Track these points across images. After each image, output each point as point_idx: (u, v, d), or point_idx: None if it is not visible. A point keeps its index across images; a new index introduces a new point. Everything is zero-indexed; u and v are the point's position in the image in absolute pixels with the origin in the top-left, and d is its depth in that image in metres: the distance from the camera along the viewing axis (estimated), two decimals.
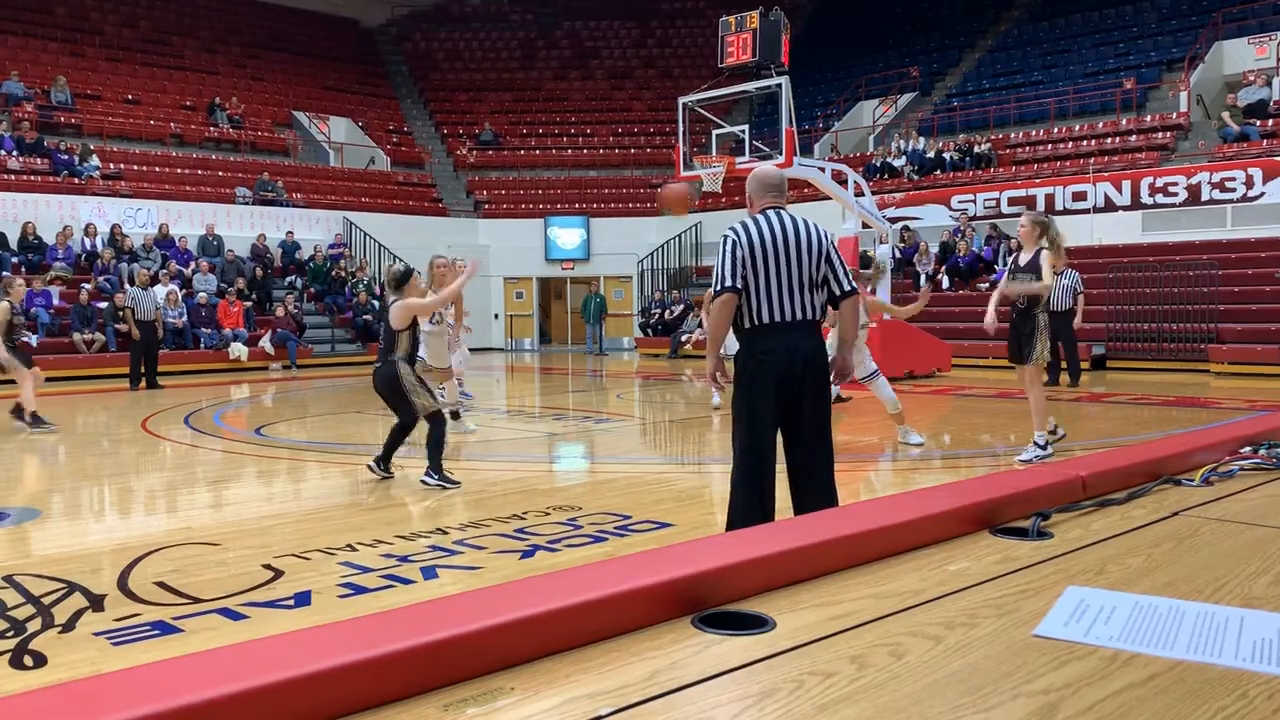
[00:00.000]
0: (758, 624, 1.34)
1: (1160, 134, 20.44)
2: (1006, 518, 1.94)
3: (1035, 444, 7.62)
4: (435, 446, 7.06)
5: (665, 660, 1.21)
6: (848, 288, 4.31)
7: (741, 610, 1.38)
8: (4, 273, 17.56)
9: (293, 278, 21.96)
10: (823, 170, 15.55)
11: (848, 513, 2.02)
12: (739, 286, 4.18)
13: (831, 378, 4.39)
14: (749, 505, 4.36)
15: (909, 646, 1.28)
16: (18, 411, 10.62)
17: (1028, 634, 1.34)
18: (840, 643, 1.29)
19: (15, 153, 20.66)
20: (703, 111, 15.75)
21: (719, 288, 4.22)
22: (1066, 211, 19.33)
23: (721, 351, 4.61)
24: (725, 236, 4.28)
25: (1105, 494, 2.19)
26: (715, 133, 16.14)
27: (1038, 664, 1.23)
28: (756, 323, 4.23)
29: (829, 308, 4.40)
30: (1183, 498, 2.21)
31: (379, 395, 7.25)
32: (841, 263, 4.34)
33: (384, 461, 7.34)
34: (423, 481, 7.03)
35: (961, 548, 1.78)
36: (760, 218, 4.28)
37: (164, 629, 3.95)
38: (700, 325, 22.04)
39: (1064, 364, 13.38)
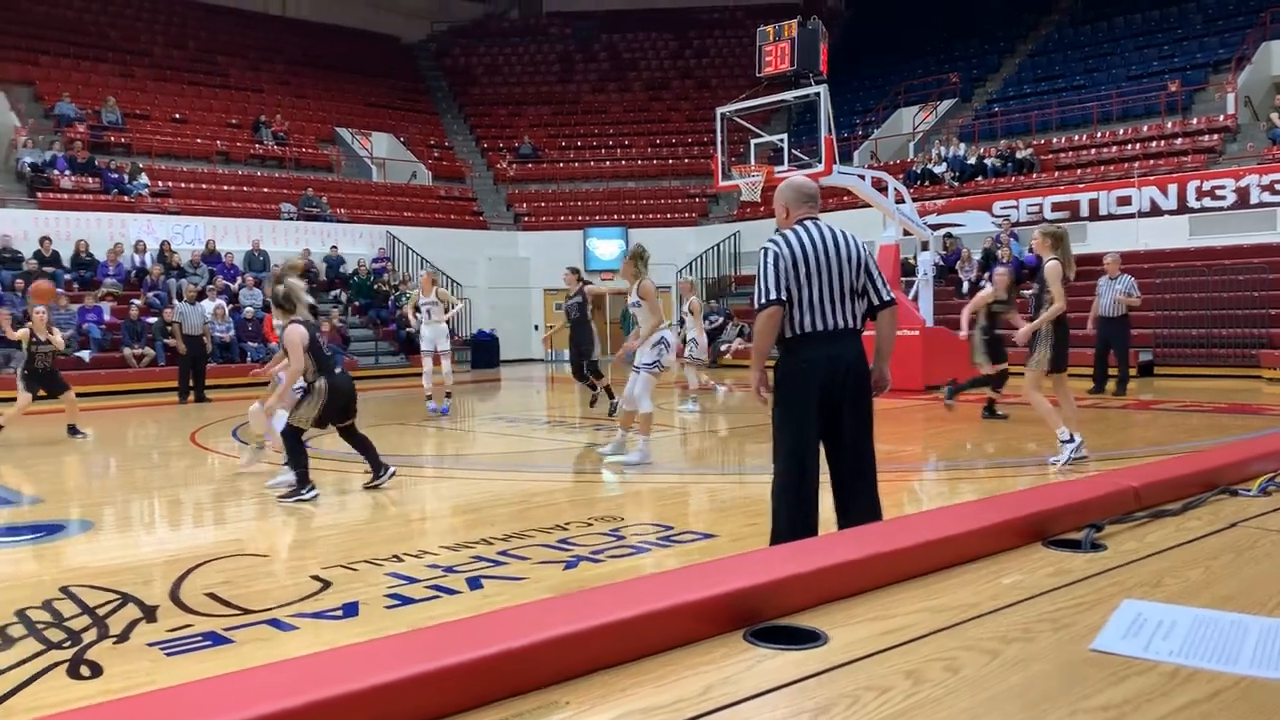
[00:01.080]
0: (810, 638, 1.33)
1: (1207, 136, 20.12)
2: (1059, 529, 1.92)
3: (1062, 443, 7.53)
4: (369, 447, 7.49)
5: (719, 675, 1.21)
6: (886, 298, 4.31)
7: (794, 624, 1.38)
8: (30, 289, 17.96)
9: (337, 292, 22.22)
10: (863, 178, 15.49)
11: (899, 525, 2.01)
12: (784, 298, 4.17)
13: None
14: (793, 517, 4.33)
15: (965, 661, 1.27)
16: (73, 430, 10.87)
17: (1085, 649, 1.32)
18: (895, 657, 1.28)
19: (68, 172, 21.13)
20: (741, 121, 15.76)
21: (764, 300, 4.20)
22: (1111, 217, 19.08)
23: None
24: (765, 249, 4.26)
25: (1159, 505, 2.16)
26: (754, 142, 16.13)
27: (1096, 680, 1.22)
28: (799, 332, 4.21)
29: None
30: (1240, 508, 2.17)
31: (348, 404, 7.37)
32: (879, 273, 4.35)
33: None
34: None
35: (1014, 560, 1.76)
36: (799, 229, 4.27)
37: (215, 640, 4.01)
38: (741, 334, 22.00)
39: (1113, 371, 13.15)
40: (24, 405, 10.82)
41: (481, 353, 23.36)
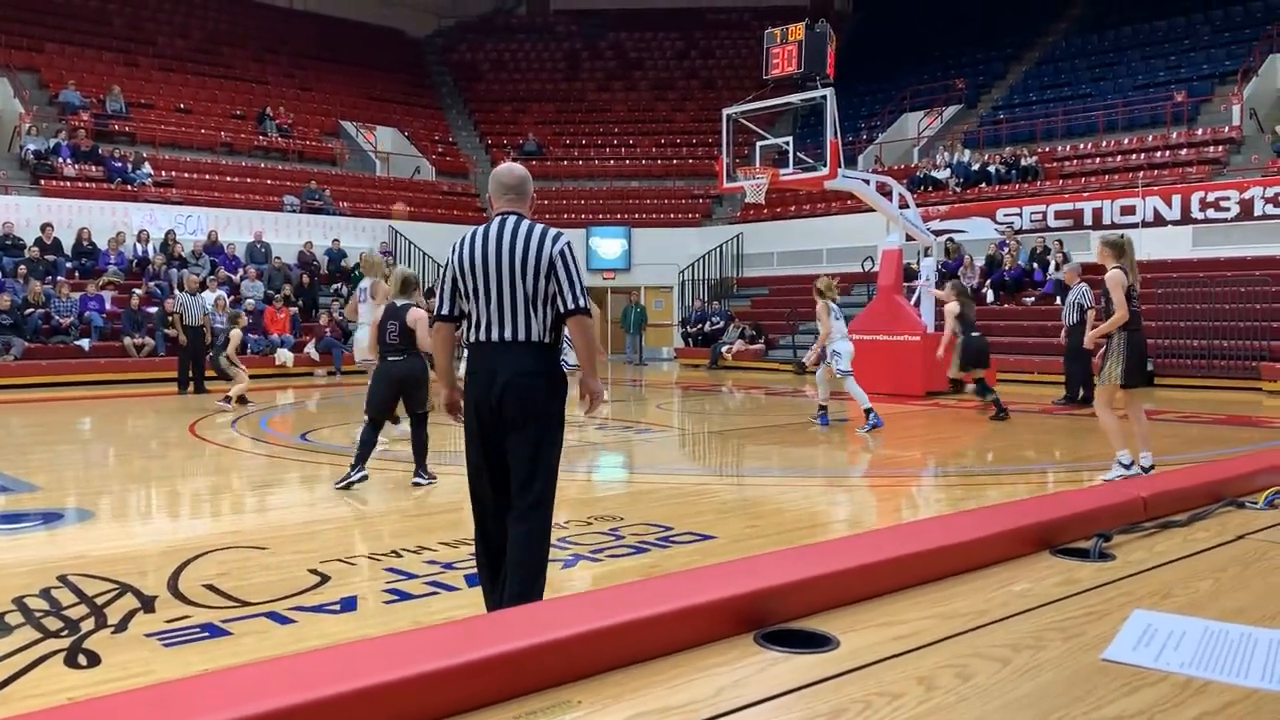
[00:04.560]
0: (821, 642, 1.33)
1: (1212, 148, 20.12)
2: (1067, 538, 1.92)
3: (1120, 464, 7.32)
4: (423, 448, 7.58)
5: (730, 677, 1.20)
6: (572, 305, 3.73)
7: (804, 628, 1.37)
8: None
9: (338, 285, 22.20)
10: (867, 182, 15.49)
11: (908, 531, 2.00)
12: (449, 314, 3.87)
13: (584, 410, 3.99)
14: (478, 561, 3.96)
15: (976, 668, 1.26)
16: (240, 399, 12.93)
17: (1096, 658, 1.32)
18: (906, 663, 1.28)
19: (71, 160, 21.11)
20: (746, 123, 15.75)
21: (436, 312, 3.95)
22: (1114, 226, 19.06)
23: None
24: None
25: (1166, 515, 2.15)
26: (759, 144, 16.13)
27: (1108, 689, 1.22)
28: (470, 341, 3.85)
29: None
30: (1246, 521, 2.17)
31: (392, 386, 7.49)
32: (571, 276, 3.75)
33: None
34: (416, 484, 7.44)
35: (1022, 568, 1.76)
36: (482, 228, 3.84)
37: (213, 631, 4.00)
38: (742, 336, 22.04)
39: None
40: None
41: None
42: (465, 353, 3.99)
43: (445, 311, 3.88)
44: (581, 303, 3.76)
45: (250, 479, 8.20)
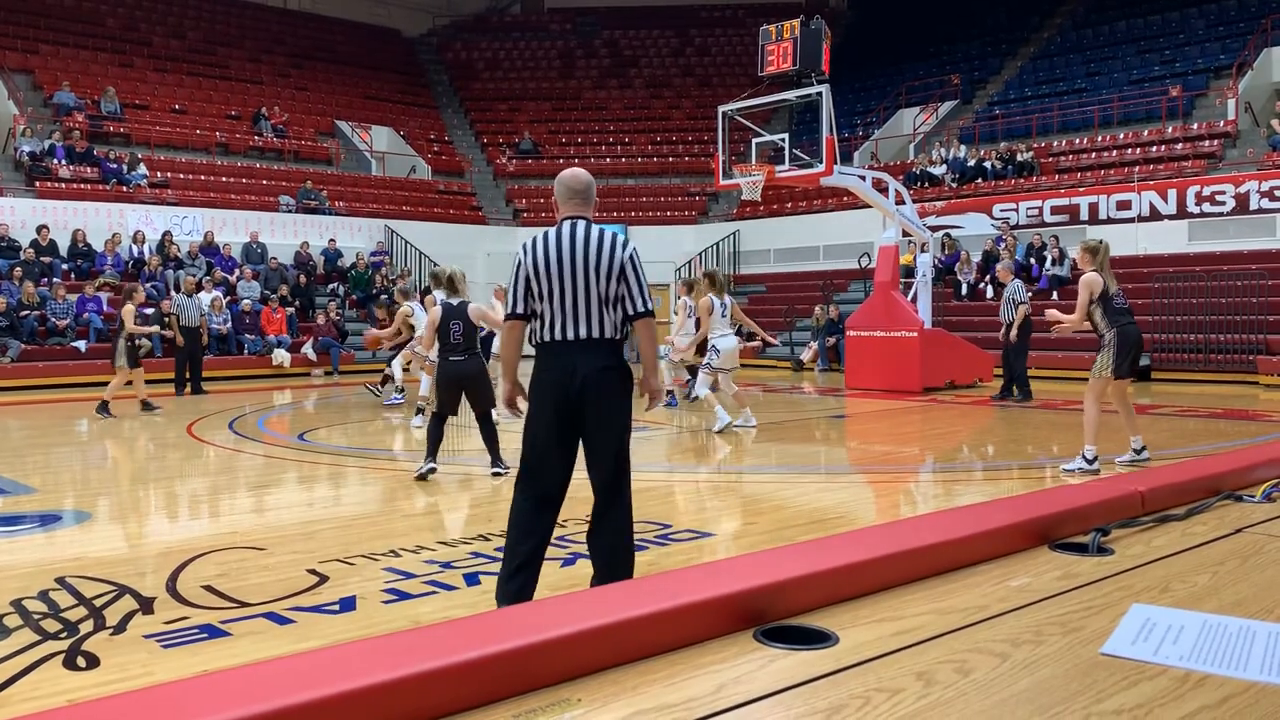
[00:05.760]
0: (820, 639, 1.33)
1: (1207, 142, 20.13)
2: (1065, 533, 1.92)
3: (1083, 456, 7.54)
4: (495, 439, 7.67)
5: (730, 674, 1.20)
6: (640, 308, 3.97)
7: (804, 624, 1.37)
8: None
9: (335, 285, 22.18)
10: (863, 178, 15.49)
11: (907, 527, 2.00)
12: (521, 313, 3.98)
13: (646, 406, 4.16)
14: (509, 548, 4.06)
15: (975, 663, 1.26)
16: (146, 405, 12.57)
17: (1095, 652, 1.32)
18: (905, 659, 1.28)
19: (66, 162, 21.06)
20: (742, 120, 15.73)
21: (506, 311, 4.05)
22: (1110, 221, 19.11)
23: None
24: (517, 255, 4.06)
25: (1164, 509, 2.16)
26: (755, 141, 16.11)
27: (1108, 683, 1.22)
28: (542, 340, 3.99)
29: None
30: (1244, 514, 2.18)
31: (461, 384, 7.53)
32: (639, 281, 3.99)
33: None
34: (496, 474, 7.55)
35: (1021, 563, 1.76)
36: (553, 231, 3.99)
37: (212, 632, 4.00)
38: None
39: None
40: (125, 375, 12.54)
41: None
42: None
43: (519, 311, 3.99)
44: (649, 306, 4.02)
45: (248, 479, 8.19)
